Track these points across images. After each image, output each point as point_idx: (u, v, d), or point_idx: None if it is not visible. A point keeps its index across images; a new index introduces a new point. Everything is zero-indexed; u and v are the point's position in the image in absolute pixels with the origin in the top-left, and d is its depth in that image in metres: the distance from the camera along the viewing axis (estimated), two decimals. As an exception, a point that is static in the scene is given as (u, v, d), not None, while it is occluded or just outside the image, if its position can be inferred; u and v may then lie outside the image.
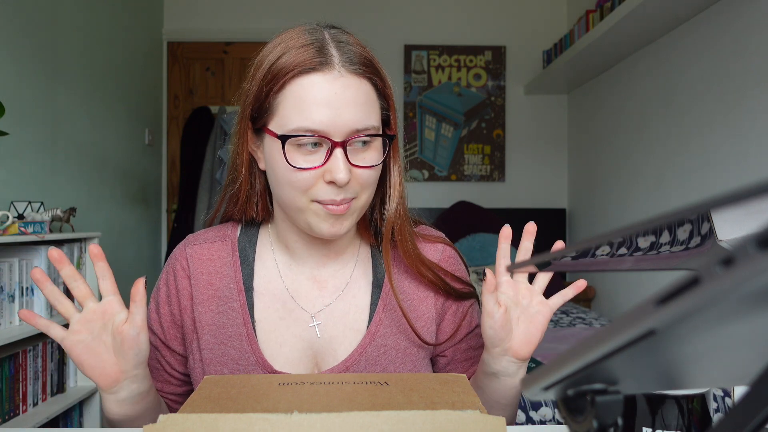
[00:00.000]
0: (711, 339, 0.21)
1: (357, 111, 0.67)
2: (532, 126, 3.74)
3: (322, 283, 0.79)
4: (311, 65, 0.66)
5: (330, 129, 0.66)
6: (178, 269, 0.79)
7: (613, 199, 3.02)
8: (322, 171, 0.67)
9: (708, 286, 0.18)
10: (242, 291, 0.76)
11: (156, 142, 3.61)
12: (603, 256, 0.43)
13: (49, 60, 2.40)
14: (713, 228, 0.42)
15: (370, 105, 0.69)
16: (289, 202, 0.70)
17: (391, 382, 0.64)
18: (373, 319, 0.77)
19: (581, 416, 0.26)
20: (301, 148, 0.67)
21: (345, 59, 0.67)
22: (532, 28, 3.70)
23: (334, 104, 0.66)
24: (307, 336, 0.76)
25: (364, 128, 0.68)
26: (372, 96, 0.70)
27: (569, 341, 2.25)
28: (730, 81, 2.02)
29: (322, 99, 0.66)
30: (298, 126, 0.66)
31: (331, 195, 0.68)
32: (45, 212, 2.03)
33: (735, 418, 0.20)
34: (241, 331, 0.75)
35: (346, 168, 0.66)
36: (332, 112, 0.65)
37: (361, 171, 0.69)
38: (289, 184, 0.68)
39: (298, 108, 0.66)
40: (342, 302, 0.78)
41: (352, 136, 0.67)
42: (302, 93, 0.66)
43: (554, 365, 0.25)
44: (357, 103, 0.67)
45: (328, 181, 0.67)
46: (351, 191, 0.69)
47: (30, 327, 1.85)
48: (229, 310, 0.76)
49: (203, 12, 3.71)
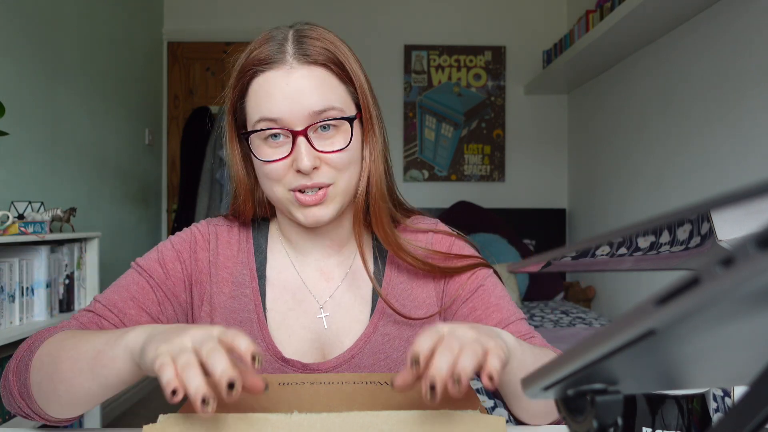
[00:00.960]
0: (711, 339, 0.21)
1: (311, 95, 0.68)
2: (532, 126, 3.74)
3: (327, 274, 0.80)
4: (266, 62, 0.70)
5: (287, 118, 0.68)
6: (200, 240, 0.79)
7: (613, 199, 3.02)
8: (291, 160, 0.69)
9: (708, 286, 0.18)
10: (255, 278, 0.78)
11: (156, 142, 3.61)
12: (603, 256, 0.43)
13: (49, 60, 2.40)
14: (713, 228, 0.42)
15: (327, 88, 0.70)
16: (271, 195, 0.73)
17: (390, 382, 0.64)
18: (375, 309, 0.78)
19: (581, 416, 0.26)
20: (268, 141, 0.70)
21: (299, 52, 0.69)
22: (532, 28, 3.70)
23: (287, 94, 0.68)
24: (314, 327, 0.78)
25: (322, 109, 0.69)
26: (329, 81, 0.70)
27: (569, 341, 2.25)
28: (730, 81, 2.02)
29: (276, 92, 0.68)
30: (259, 118, 0.69)
31: (301, 181, 0.70)
32: (45, 212, 2.04)
33: (735, 418, 0.20)
34: (252, 317, 0.77)
35: (310, 155, 0.68)
36: (287, 102, 0.68)
37: (330, 156, 0.70)
38: (265, 177, 0.72)
39: (257, 104, 0.70)
40: (347, 293, 0.79)
41: (312, 122, 0.69)
42: (260, 90, 0.70)
43: (554, 365, 0.25)
44: (310, 88, 0.69)
45: (296, 171, 0.69)
46: (325, 177, 0.70)
47: (30, 327, 1.85)
48: (242, 296, 0.77)
49: (203, 12, 3.71)
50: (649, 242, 0.44)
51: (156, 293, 0.75)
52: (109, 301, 0.74)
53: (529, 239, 3.61)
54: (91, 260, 2.23)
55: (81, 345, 0.61)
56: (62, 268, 2.09)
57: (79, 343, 0.61)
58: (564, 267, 0.42)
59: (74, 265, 2.16)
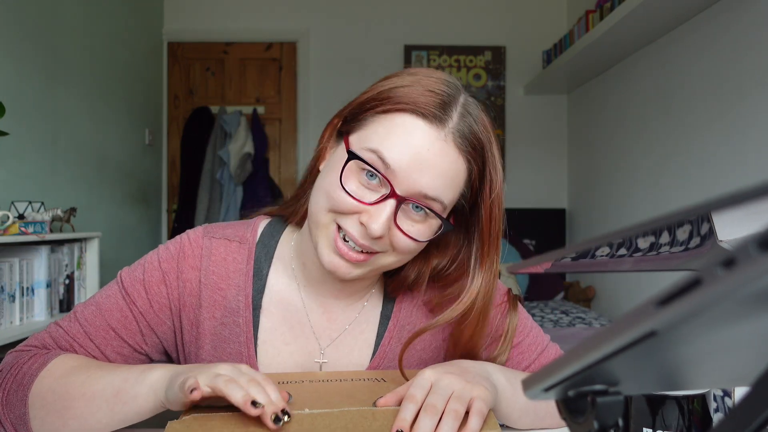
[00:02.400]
0: (712, 340, 0.21)
1: (436, 179, 0.61)
2: (532, 126, 3.74)
3: (331, 315, 0.74)
4: (426, 112, 0.61)
5: (399, 175, 0.61)
6: (189, 255, 0.71)
7: (613, 199, 3.02)
8: (363, 209, 0.62)
9: (709, 287, 0.18)
10: (249, 307, 0.71)
11: (156, 142, 3.61)
12: (603, 256, 0.43)
13: (49, 60, 2.40)
14: (713, 228, 0.42)
15: (452, 183, 0.63)
16: (315, 212, 0.65)
17: (387, 379, 0.66)
18: (377, 353, 0.74)
19: (582, 417, 0.26)
20: (362, 175, 0.62)
21: (459, 127, 0.63)
22: (532, 28, 3.70)
23: (420, 158, 0.61)
24: (308, 367, 0.73)
25: (432, 198, 0.62)
26: (460, 177, 0.64)
27: (569, 341, 2.25)
28: (729, 81, 2.02)
29: (413, 145, 0.61)
30: (375, 149, 0.61)
31: (356, 234, 0.62)
32: (45, 212, 2.04)
33: (735, 419, 0.20)
34: (242, 350, 0.71)
35: (387, 223, 0.61)
36: (413, 164, 0.61)
37: (400, 234, 0.63)
38: (326, 196, 0.63)
39: (387, 136, 0.61)
40: (349, 337, 0.74)
41: (415, 198, 0.62)
42: (400, 127, 0.61)
43: (555, 366, 0.25)
44: (441, 173, 0.62)
45: (362, 223, 0.62)
46: (380, 245, 0.63)
47: (30, 327, 1.85)
48: (233, 325, 0.71)
49: (203, 12, 3.71)
50: (649, 243, 0.44)
51: (139, 323, 0.70)
52: (90, 326, 0.69)
53: (529, 239, 3.61)
54: (91, 260, 2.23)
55: (95, 383, 0.61)
56: (62, 268, 2.09)
57: (91, 380, 0.62)
58: (564, 267, 0.42)
59: (74, 265, 2.16)
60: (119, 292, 0.71)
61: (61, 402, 0.61)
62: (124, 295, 0.71)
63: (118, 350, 0.70)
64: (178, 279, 0.71)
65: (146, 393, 0.58)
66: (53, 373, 0.63)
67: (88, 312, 0.71)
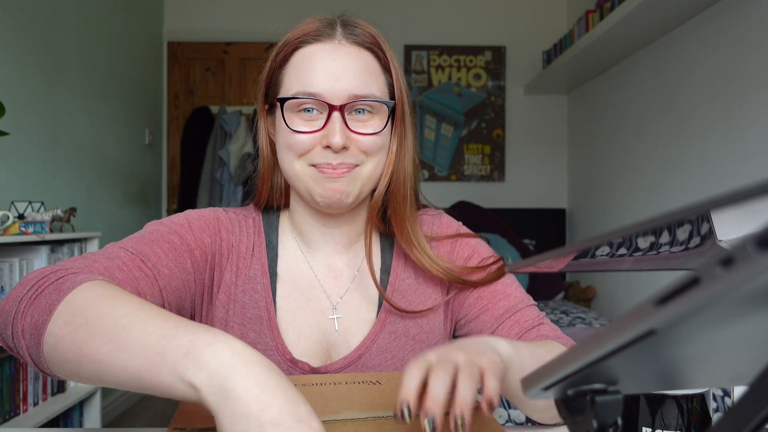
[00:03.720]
0: (711, 339, 0.21)
1: (356, 77, 0.68)
2: (532, 126, 3.74)
3: (337, 272, 0.79)
4: (314, 35, 0.69)
5: (328, 93, 0.67)
6: (224, 221, 0.76)
7: (613, 199, 3.02)
8: (321, 136, 0.68)
9: (708, 286, 0.18)
10: (267, 274, 0.76)
11: (156, 142, 3.61)
12: (603, 256, 0.43)
13: (49, 60, 2.40)
14: (713, 228, 0.42)
15: (371, 74, 0.70)
16: (289, 170, 0.71)
17: (383, 381, 0.65)
18: (381, 308, 0.77)
19: (581, 416, 0.26)
20: (301, 113, 0.69)
21: (347, 32, 0.70)
22: (532, 28, 3.70)
23: (332, 70, 0.68)
24: (323, 327, 0.76)
25: (363, 95, 0.69)
26: (374, 67, 0.71)
27: (569, 341, 2.24)
28: (730, 81, 2.02)
29: (321, 65, 0.68)
30: (298, 90, 0.68)
31: (327, 159, 0.69)
32: (45, 212, 2.04)
33: (734, 418, 0.20)
34: (263, 315, 0.74)
35: (343, 132, 0.68)
36: (331, 77, 0.68)
37: (361, 137, 0.69)
38: (288, 148, 0.70)
39: (299, 74, 0.69)
40: (355, 292, 0.78)
41: (351, 101, 0.68)
42: (303, 61, 0.69)
43: (554, 365, 0.25)
44: (356, 70, 0.69)
45: (325, 146, 0.68)
46: (352, 157, 0.70)
47: (30, 327, 1.85)
48: (253, 292, 0.75)
49: (203, 12, 3.71)
50: (649, 242, 0.44)
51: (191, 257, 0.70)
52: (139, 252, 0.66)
53: (529, 239, 3.61)
54: (91, 260, 2.23)
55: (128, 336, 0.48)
56: (62, 268, 2.09)
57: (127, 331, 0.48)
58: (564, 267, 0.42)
59: (74, 265, 2.16)
60: (159, 227, 0.71)
61: (84, 330, 0.50)
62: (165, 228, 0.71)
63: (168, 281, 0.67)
64: (217, 236, 0.75)
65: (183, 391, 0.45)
66: (92, 294, 0.53)
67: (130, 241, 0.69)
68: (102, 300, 0.52)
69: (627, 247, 0.44)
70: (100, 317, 0.50)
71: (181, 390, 0.45)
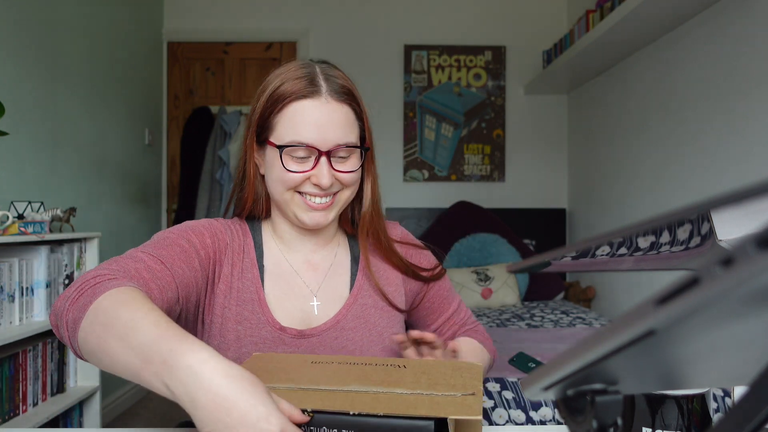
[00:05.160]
0: (711, 339, 0.21)
1: (339, 129, 0.85)
2: (532, 126, 3.74)
3: (315, 266, 0.96)
4: (304, 93, 0.84)
5: (317, 142, 0.84)
6: (218, 227, 0.91)
7: (613, 199, 3.02)
8: (310, 174, 0.86)
9: (708, 286, 0.18)
10: (256, 266, 0.92)
11: (156, 142, 3.61)
12: (603, 256, 0.43)
13: (49, 60, 2.40)
14: (713, 228, 0.42)
15: (350, 125, 0.87)
16: (279, 197, 0.89)
17: (408, 366, 0.73)
18: (354, 285, 0.96)
19: (581, 416, 0.26)
20: (294, 157, 0.85)
21: (331, 89, 0.86)
22: (532, 28, 3.70)
23: (321, 124, 0.84)
24: (305, 308, 0.93)
25: (345, 143, 0.86)
26: (351, 118, 0.88)
27: (569, 341, 2.24)
28: (729, 81, 2.02)
29: (312, 120, 0.84)
30: (292, 139, 0.84)
31: (315, 191, 0.86)
32: (45, 212, 2.04)
33: (735, 418, 0.20)
34: (254, 297, 0.90)
35: (330, 174, 0.85)
36: (320, 130, 0.84)
37: (342, 174, 0.87)
38: (281, 182, 0.86)
39: (294, 125, 0.85)
40: (331, 279, 0.96)
41: (335, 148, 0.85)
42: (296, 115, 0.85)
43: (554, 365, 0.25)
44: (339, 122, 0.85)
45: (314, 183, 0.85)
46: (334, 189, 0.88)
47: (30, 327, 1.85)
48: (245, 279, 0.90)
49: (203, 12, 3.71)
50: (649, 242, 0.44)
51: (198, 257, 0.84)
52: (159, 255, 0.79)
53: (529, 239, 3.61)
54: (91, 260, 2.23)
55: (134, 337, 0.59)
56: (62, 268, 2.09)
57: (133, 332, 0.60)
58: (564, 267, 0.42)
59: (74, 265, 2.16)
60: (169, 235, 0.85)
61: (102, 328, 0.62)
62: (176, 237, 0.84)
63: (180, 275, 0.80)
64: (216, 236, 0.89)
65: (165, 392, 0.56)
66: (115, 296, 0.65)
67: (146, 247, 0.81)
68: (120, 305, 0.64)
69: (627, 246, 0.44)
70: (115, 319, 0.62)
71: (163, 391, 0.56)
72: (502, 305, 3.04)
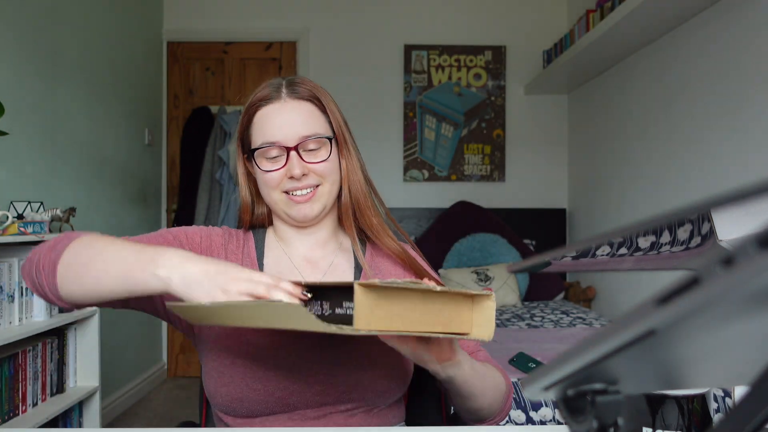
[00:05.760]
0: (711, 339, 0.21)
1: (301, 124, 0.91)
2: (532, 126, 3.74)
3: (314, 263, 1.00)
4: (266, 99, 0.92)
5: (283, 139, 0.90)
6: (214, 235, 0.97)
7: (613, 199, 3.02)
8: (285, 171, 0.91)
9: (708, 286, 0.17)
10: (256, 266, 0.97)
11: (156, 142, 3.61)
12: (603, 256, 0.43)
13: (49, 60, 2.40)
14: (713, 228, 0.42)
15: (313, 118, 0.92)
16: (269, 200, 0.94)
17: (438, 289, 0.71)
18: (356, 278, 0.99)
19: (581, 416, 0.26)
20: (267, 158, 0.92)
21: (291, 91, 0.92)
22: (532, 28, 3.70)
23: (283, 121, 0.91)
24: None
25: (309, 134, 0.91)
26: (314, 112, 0.93)
27: (569, 341, 2.24)
28: (730, 81, 2.02)
29: (275, 120, 0.91)
30: (263, 142, 0.91)
31: (294, 185, 0.92)
32: (45, 212, 2.03)
33: (735, 418, 0.20)
34: None
35: (300, 164, 0.90)
36: (283, 128, 0.90)
37: (315, 165, 0.92)
38: (264, 184, 0.93)
39: (261, 130, 0.92)
40: (331, 276, 0.99)
41: (301, 141, 0.90)
42: (262, 119, 0.92)
43: (554, 365, 0.25)
44: (301, 117, 0.91)
45: (289, 177, 0.91)
46: (312, 180, 0.92)
47: (30, 327, 1.85)
48: None
49: (203, 12, 3.71)
50: (649, 242, 0.44)
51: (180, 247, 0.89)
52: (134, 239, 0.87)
53: (529, 239, 3.61)
54: (91, 260, 2.23)
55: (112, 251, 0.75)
56: (62, 268, 2.09)
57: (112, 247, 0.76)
58: (564, 267, 0.42)
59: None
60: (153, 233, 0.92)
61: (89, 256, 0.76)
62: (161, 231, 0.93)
63: None
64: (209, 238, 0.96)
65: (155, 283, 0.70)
66: (95, 235, 0.80)
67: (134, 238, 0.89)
68: (100, 238, 0.80)
69: (627, 246, 0.43)
70: (99, 245, 0.77)
71: (153, 282, 0.71)
72: (502, 305, 3.04)
